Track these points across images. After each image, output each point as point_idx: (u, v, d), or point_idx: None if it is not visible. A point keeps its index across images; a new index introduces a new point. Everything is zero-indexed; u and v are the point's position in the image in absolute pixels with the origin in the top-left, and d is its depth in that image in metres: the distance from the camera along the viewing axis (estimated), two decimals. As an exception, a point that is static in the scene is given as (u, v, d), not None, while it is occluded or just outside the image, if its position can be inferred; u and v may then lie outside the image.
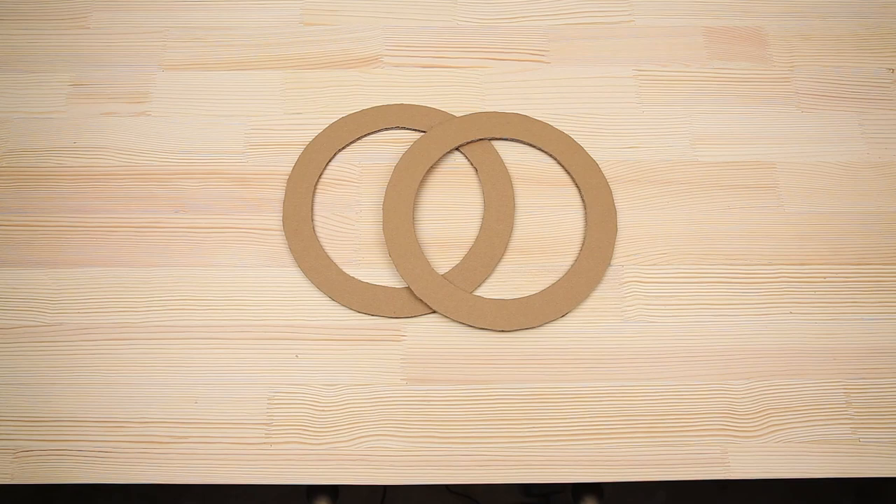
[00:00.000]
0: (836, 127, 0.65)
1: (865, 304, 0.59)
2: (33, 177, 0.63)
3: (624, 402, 0.55)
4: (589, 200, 0.62)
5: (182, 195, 0.62)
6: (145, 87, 0.66)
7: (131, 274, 0.59)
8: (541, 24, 0.70)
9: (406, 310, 0.58)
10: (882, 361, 0.57)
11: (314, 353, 0.57)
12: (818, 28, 0.70)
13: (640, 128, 0.65)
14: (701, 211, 0.62)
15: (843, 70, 0.68)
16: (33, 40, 0.69)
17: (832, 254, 0.60)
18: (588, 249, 0.60)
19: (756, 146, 0.64)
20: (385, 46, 0.68)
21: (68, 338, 0.57)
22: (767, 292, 0.59)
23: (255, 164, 0.63)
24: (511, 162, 0.63)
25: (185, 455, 0.54)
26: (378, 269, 0.60)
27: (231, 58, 0.68)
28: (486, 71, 0.67)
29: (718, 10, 0.70)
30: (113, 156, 0.64)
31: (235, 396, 0.55)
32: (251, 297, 0.59)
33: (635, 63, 0.68)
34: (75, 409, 0.55)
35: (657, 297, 0.59)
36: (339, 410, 0.55)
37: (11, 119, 0.65)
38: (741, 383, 0.56)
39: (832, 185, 0.63)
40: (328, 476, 0.53)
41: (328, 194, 0.63)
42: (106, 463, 0.54)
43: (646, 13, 0.70)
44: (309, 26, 0.69)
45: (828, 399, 0.56)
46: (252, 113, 0.65)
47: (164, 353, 0.57)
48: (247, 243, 0.60)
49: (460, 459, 0.54)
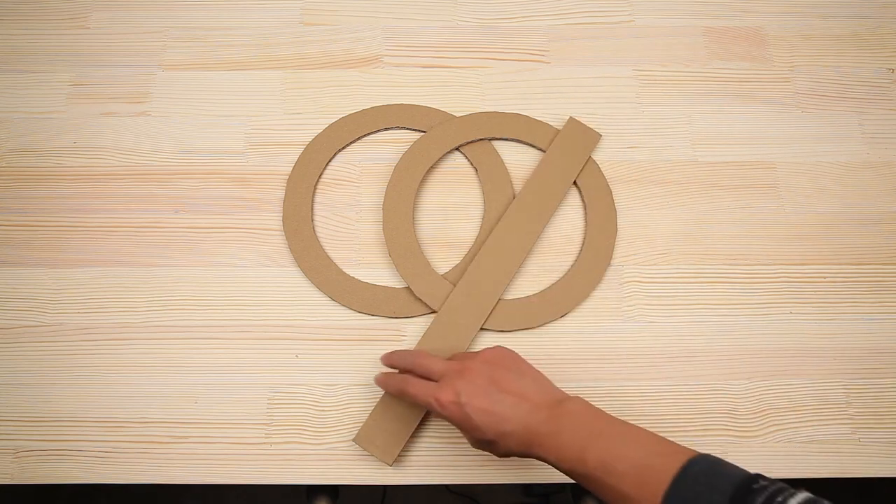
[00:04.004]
0: (836, 127, 0.65)
1: (865, 304, 0.59)
2: (33, 177, 0.63)
3: (624, 402, 0.55)
4: (589, 200, 0.62)
5: (182, 195, 0.62)
6: (145, 87, 0.66)
7: (131, 274, 0.59)
8: (541, 24, 0.70)
9: (406, 310, 0.58)
10: (882, 361, 0.57)
11: (314, 353, 0.57)
12: (818, 28, 0.70)
13: (640, 128, 0.65)
14: (701, 211, 0.62)
15: (843, 70, 0.68)
16: (33, 40, 0.69)
17: (832, 254, 0.60)
18: (588, 249, 0.60)
19: (756, 146, 0.64)
20: (385, 46, 0.68)
21: (68, 338, 0.57)
22: (767, 292, 0.59)
23: (255, 164, 0.63)
24: (511, 162, 0.63)
25: (185, 455, 0.54)
26: (378, 269, 0.60)
27: (231, 58, 0.68)
28: (486, 71, 0.67)
29: (718, 10, 0.70)
30: (113, 156, 0.64)
31: (235, 396, 0.55)
32: (251, 297, 0.59)
33: (635, 63, 0.68)
34: (75, 409, 0.55)
35: (657, 297, 0.59)
36: (339, 410, 0.55)
37: (11, 119, 0.65)
38: (741, 383, 0.56)
39: (832, 185, 0.63)
40: (328, 476, 0.53)
41: (328, 194, 0.63)
42: (106, 463, 0.54)
43: (646, 13, 0.70)
44: (309, 26, 0.69)
45: (828, 399, 0.56)
46: (252, 113, 0.65)
47: (164, 353, 0.57)
48: (247, 243, 0.60)
49: (460, 459, 0.54)
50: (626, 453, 0.39)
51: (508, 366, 0.46)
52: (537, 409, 0.43)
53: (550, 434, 0.42)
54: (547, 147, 0.63)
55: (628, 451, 0.40)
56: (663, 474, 0.37)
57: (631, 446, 0.40)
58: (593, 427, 0.41)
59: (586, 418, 0.42)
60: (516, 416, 0.43)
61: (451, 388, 0.44)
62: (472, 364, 0.46)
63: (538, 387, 0.45)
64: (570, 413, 0.42)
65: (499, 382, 0.44)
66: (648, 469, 0.38)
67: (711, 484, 0.36)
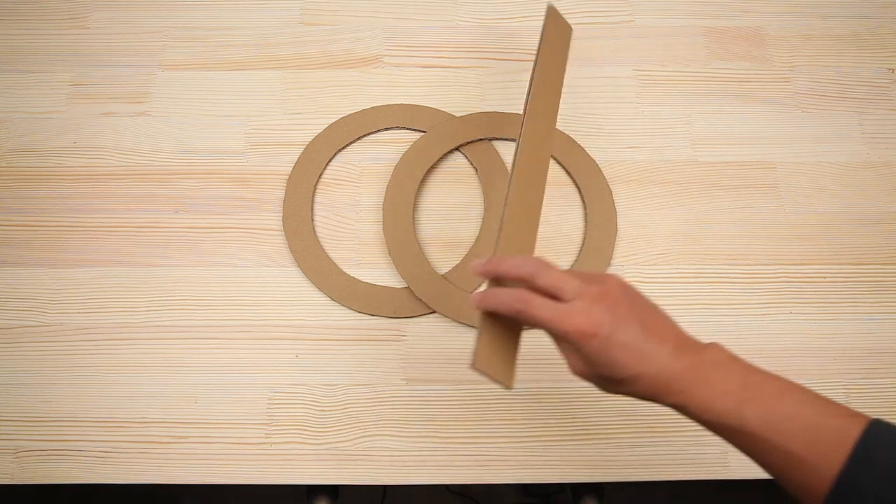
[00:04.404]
0: (836, 127, 0.65)
1: (865, 304, 0.59)
2: (33, 177, 0.63)
3: (624, 402, 0.55)
4: (589, 200, 0.62)
5: (182, 195, 0.62)
6: (145, 87, 0.66)
7: (131, 274, 0.59)
8: (541, 24, 0.69)
9: (406, 310, 0.58)
10: (882, 361, 0.57)
11: (314, 353, 0.57)
12: (818, 28, 0.70)
13: (640, 128, 0.65)
14: (701, 211, 0.62)
15: (843, 70, 0.68)
16: (33, 40, 0.69)
17: (832, 254, 0.60)
18: (588, 249, 0.60)
19: (756, 146, 0.64)
20: (385, 46, 0.68)
21: (68, 338, 0.57)
22: (767, 292, 0.59)
23: (255, 164, 0.63)
24: (511, 162, 0.63)
25: (185, 455, 0.54)
26: (378, 269, 0.60)
27: (231, 58, 0.68)
28: (486, 71, 0.67)
29: (718, 10, 0.70)
30: (113, 156, 0.64)
31: (235, 396, 0.55)
32: (251, 297, 0.59)
33: (635, 63, 0.68)
34: (75, 409, 0.55)
35: (657, 297, 0.59)
36: (339, 410, 0.55)
37: (11, 119, 0.65)
38: (741, 383, 0.56)
39: (832, 185, 0.63)
40: (328, 476, 0.53)
41: (328, 194, 0.63)
42: (106, 463, 0.54)
43: (646, 13, 0.70)
44: (309, 26, 0.69)
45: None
46: (252, 113, 0.65)
47: (164, 353, 0.57)
48: (247, 243, 0.60)
49: (460, 459, 0.54)
50: (795, 411, 0.36)
51: (644, 299, 0.41)
52: (681, 351, 0.38)
53: (696, 381, 0.38)
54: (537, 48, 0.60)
55: (797, 409, 0.36)
56: (843, 437, 0.34)
57: (798, 405, 0.37)
58: (749, 380, 0.38)
59: (738, 369, 0.39)
60: (659, 357, 0.38)
61: (591, 316, 0.37)
62: (611, 289, 0.39)
63: (677, 328, 0.40)
64: (718, 362, 0.39)
65: (641, 315, 0.39)
66: (823, 429, 0.35)
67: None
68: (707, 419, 0.38)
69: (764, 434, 0.36)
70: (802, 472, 0.35)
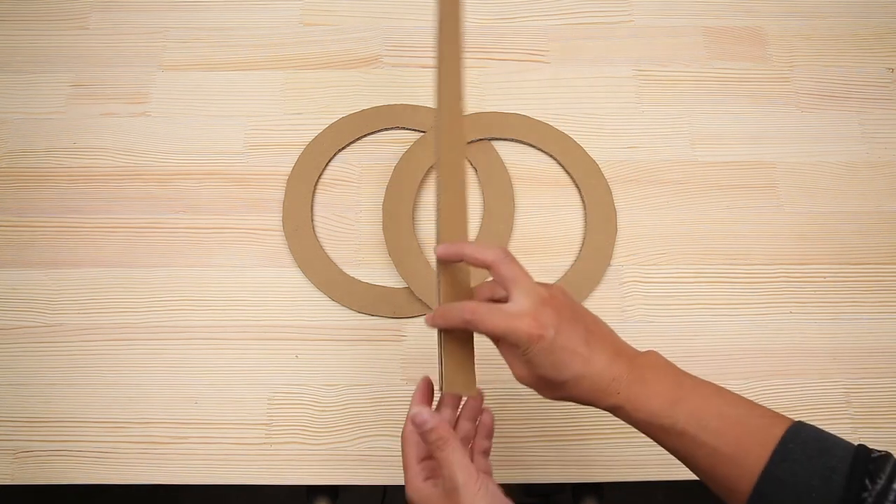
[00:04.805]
0: (836, 127, 0.65)
1: (865, 304, 0.59)
2: (33, 177, 0.63)
3: (624, 402, 0.55)
4: (589, 200, 0.62)
5: (182, 195, 0.62)
6: (145, 87, 0.66)
7: (131, 274, 0.59)
8: (541, 24, 0.70)
9: (406, 310, 0.58)
10: (882, 361, 0.57)
11: (314, 353, 0.57)
12: (818, 28, 0.70)
13: (640, 128, 0.65)
14: (701, 211, 0.62)
15: (843, 70, 0.68)
16: (33, 40, 0.69)
17: (832, 254, 0.60)
18: (588, 249, 0.60)
19: (756, 146, 0.64)
20: (385, 46, 0.68)
21: (68, 338, 0.57)
22: (767, 292, 0.59)
23: (255, 164, 0.63)
24: (511, 162, 0.63)
25: (185, 455, 0.54)
26: (378, 269, 0.60)
27: (231, 58, 0.68)
28: (486, 71, 0.67)
29: (718, 10, 0.70)
30: (112, 156, 0.64)
31: (235, 397, 0.55)
32: (251, 297, 0.59)
33: (635, 63, 0.68)
34: (75, 410, 0.55)
35: (657, 297, 0.59)
36: (339, 410, 0.55)
37: (11, 119, 0.65)
38: (741, 383, 0.56)
39: (832, 185, 0.63)
40: (328, 476, 0.53)
41: (328, 194, 0.63)
42: (106, 463, 0.54)
43: (646, 13, 0.70)
44: (309, 26, 0.69)
45: (828, 399, 0.56)
46: (252, 113, 0.65)
47: (164, 354, 0.57)
48: (247, 243, 0.60)
49: (460, 459, 0.54)
50: (724, 411, 0.38)
51: (585, 308, 0.42)
52: (619, 355, 0.40)
53: (633, 382, 0.39)
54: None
55: (725, 408, 0.38)
56: (766, 436, 0.36)
57: (727, 406, 0.38)
58: (682, 381, 0.40)
59: (672, 372, 0.40)
60: (600, 360, 0.39)
61: (538, 319, 0.38)
62: (557, 294, 0.41)
63: (616, 335, 0.42)
64: (654, 365, 0.40)
65: (584, 320, 0.41)
66: (750, 428, 0.37)
67: (824, 448, 0.35)
68: (641, 418, 0.39)
69: (694, 432, 0.38)
70: (729, 469, 0.37)
